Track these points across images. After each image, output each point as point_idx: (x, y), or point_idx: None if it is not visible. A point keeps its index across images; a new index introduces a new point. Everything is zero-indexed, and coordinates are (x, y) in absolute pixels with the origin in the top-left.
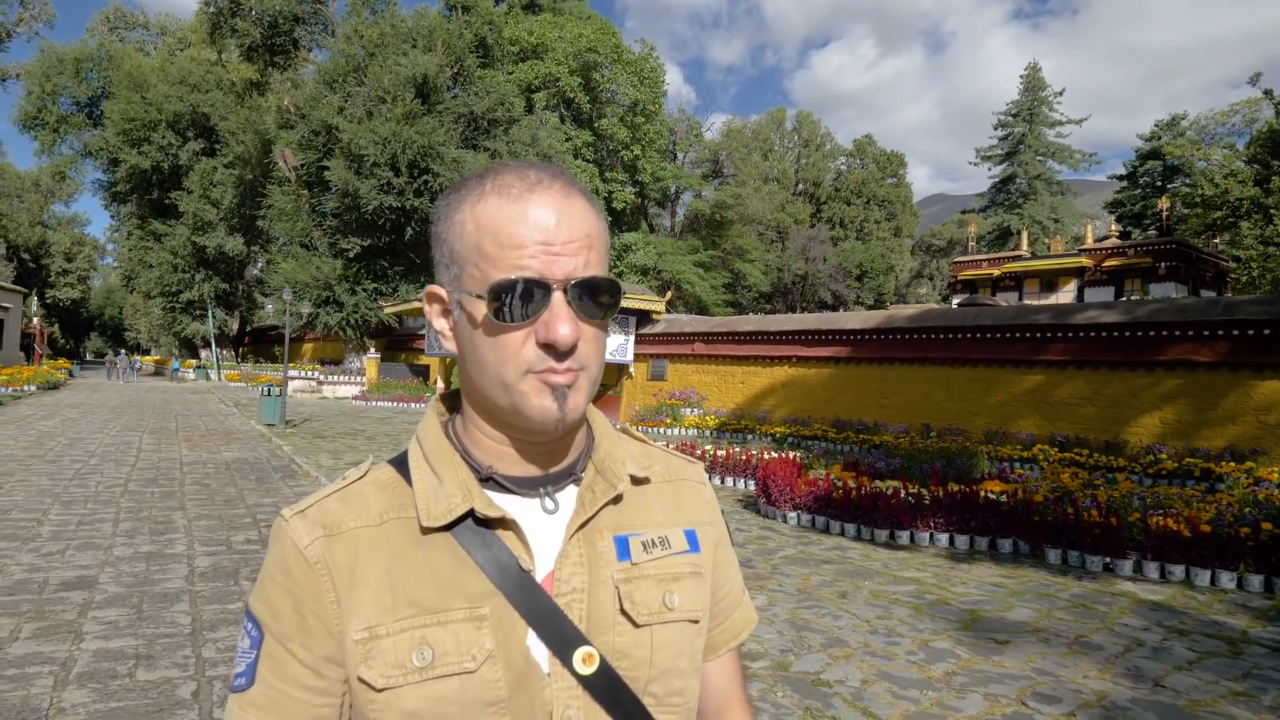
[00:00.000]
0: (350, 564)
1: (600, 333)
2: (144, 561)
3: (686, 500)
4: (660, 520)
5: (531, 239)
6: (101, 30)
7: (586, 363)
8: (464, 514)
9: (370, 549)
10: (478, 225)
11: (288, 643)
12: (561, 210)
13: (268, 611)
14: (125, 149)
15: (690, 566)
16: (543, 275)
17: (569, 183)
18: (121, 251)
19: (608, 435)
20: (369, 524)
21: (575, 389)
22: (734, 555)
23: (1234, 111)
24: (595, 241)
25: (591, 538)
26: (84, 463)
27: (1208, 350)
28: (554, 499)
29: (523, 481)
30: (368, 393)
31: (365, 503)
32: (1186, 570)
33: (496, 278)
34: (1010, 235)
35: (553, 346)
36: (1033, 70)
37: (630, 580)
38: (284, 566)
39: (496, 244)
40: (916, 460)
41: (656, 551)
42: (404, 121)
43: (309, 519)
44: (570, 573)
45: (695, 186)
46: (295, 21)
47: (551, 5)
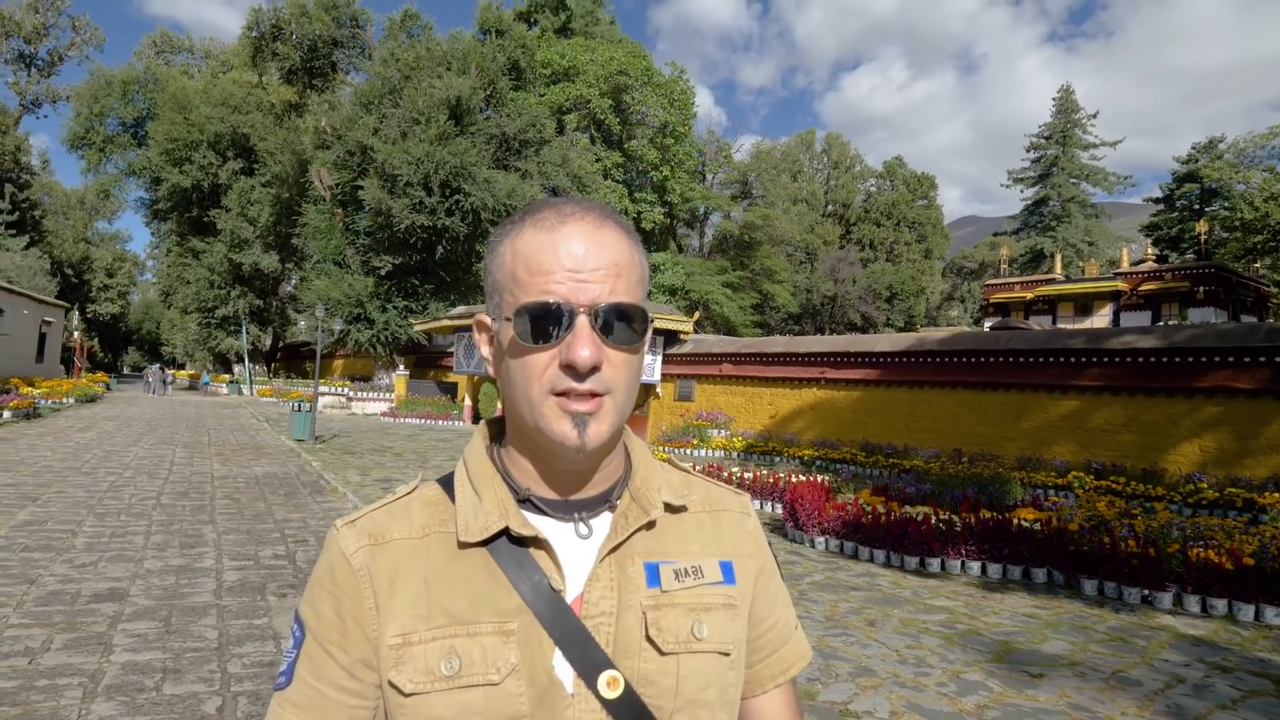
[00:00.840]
0: (391, 573)
1: (629, 358)
2: (174, 575)
3: (726, 531)
4: (696, 550)
5: (560, 266)
6: (149, 54)
7: (612, 387)
8: (499, 532)
9: (411, 560)
10: (514, 255)
11: (327, 644)
12: (591, 240)
13: (312, 614)
14: (167, 168)
15: (724, 598)
16: (568, 300)
17: (603, 215)
18: (160, 268)
19: (645, 463)
20: (412, 536)
21: (597, 416)
22: (783, 589)
23: (1273, 134)
24: (625, 270)
25: (623, 563)
26: (118, 475)
27: (1248, 377)
28: (588, 524)
29: (558, 505)
30: (396, 409)
31: (410, 516)
32: (1229, 604)
33: (525, 301)
34: (1043, 258)
35: (573, 367)
36: (1065, 93)
37: (659, 607)
38: (330, 572)
39: (528, 271)
40: (947, 486)
41: (689, 580)
42: (437, 142)
43: (357, 528)
44: (599, 596)
45: (724, 207)
46: (334, 45)
47: (584, 29)
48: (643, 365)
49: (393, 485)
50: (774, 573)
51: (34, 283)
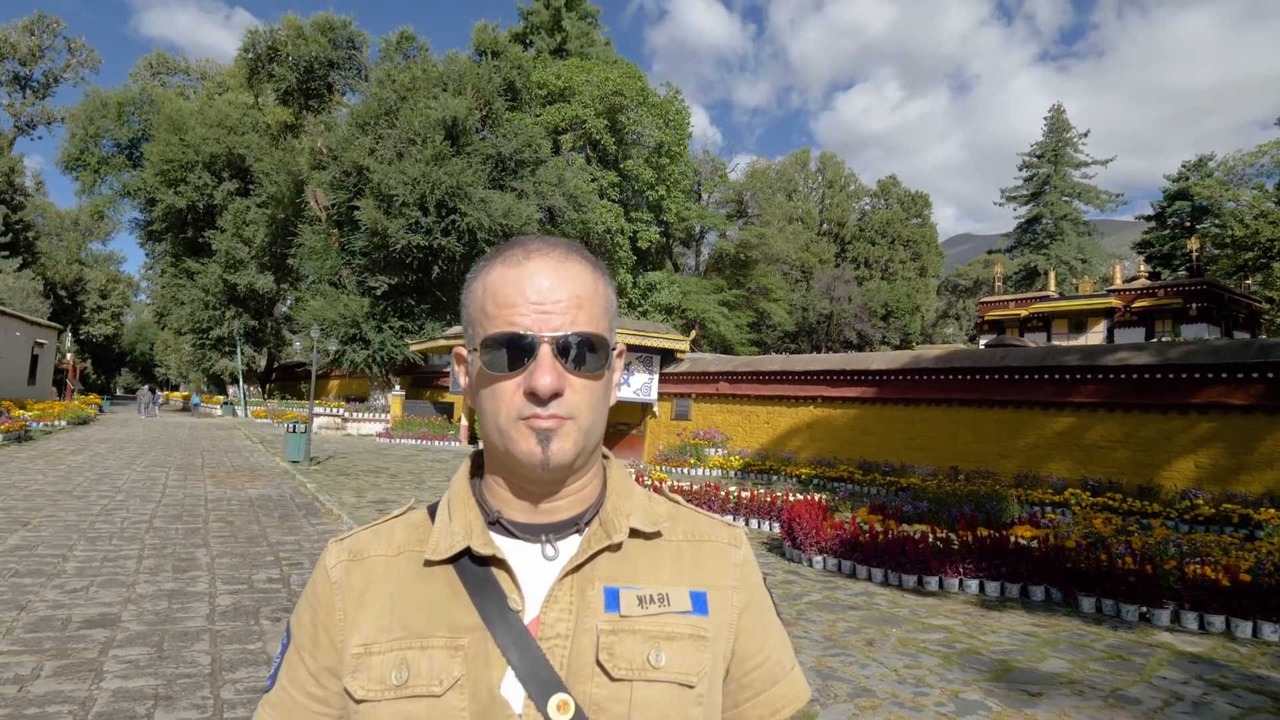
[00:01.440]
0: (363, 587)
1: (592, 385)
2: (166, 599)
3: (707, 562)
4: (666, 578)
5: (524, 299)
6: (144, 75)
7: (575, 412)
8: (462, 551)
9: (383, 575)
10: (484, 290)
11: (301, 651)
12: (555, 274)
13: (296, 623)
14: (162, 189)
15: (690, 628)
16: (529, 330)
17: (568, 251)
18: (154, 289)
19: (620, 490)
20: (387, 554)
21: (560, 434)
22: (777, 626)
23: (1262, 152)
24: (587, 301)
25: (583, 586)
26: (110, 498)
27: (1242, 393)
28: (555, 546)
29: (527, 528)
30: (392, 430)
31: (391, 536)
32: (1227, 621)
33: (491, 332)
34: (1037, 275)
35: (535, 394)
36: (1056, 112)
37: (616, 632)
38: (314, 584)
39: (495, 304)
40: (944, 503)
41: (652, 608)
42: (433, 163)
43: (343, 546)
44: (556, 618)
45: (720, 226)
46: (330, 67)
47: (579, 51)
48: (610, 392)
49: (388, 507)
50: (765, 608)
51: (27, 304)
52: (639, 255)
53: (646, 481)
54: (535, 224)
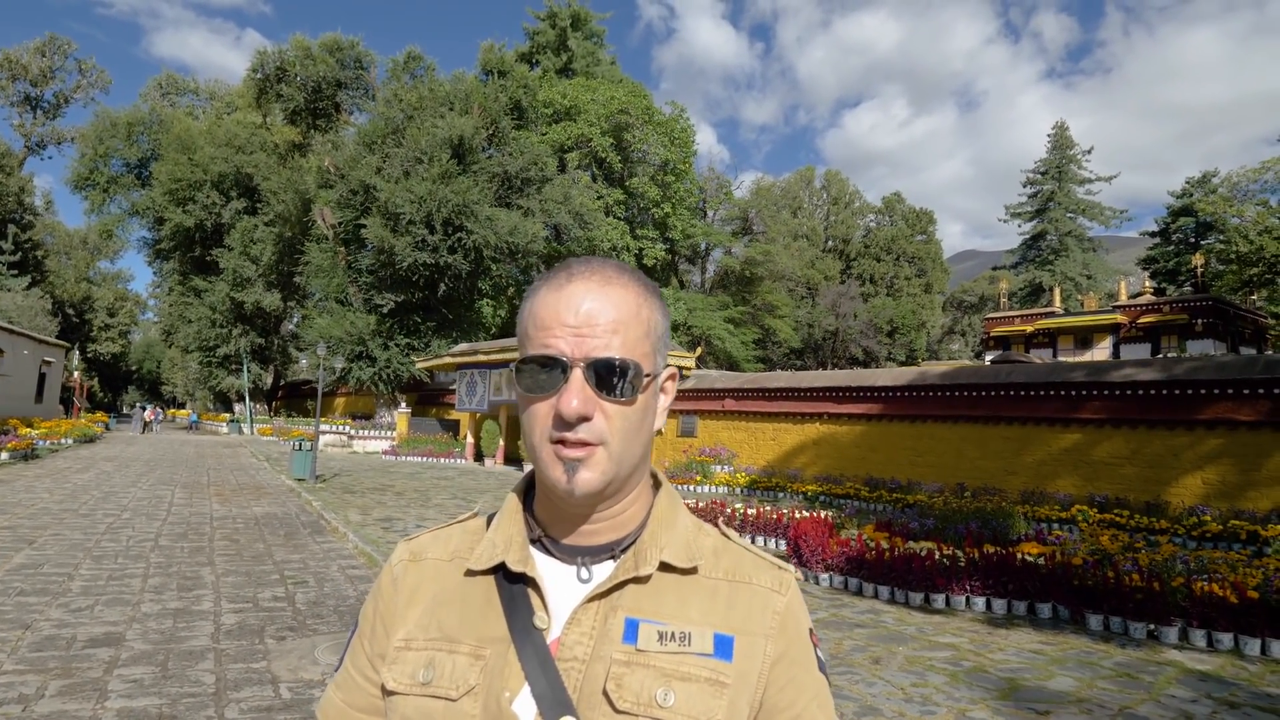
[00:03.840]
0: (415, 585)
1: (625, 411)
2: (171, 618)
3: (741, 605)
4: (693, 617)
5: (560, 321)
6: (154, 95)
7: (605, 438)
8: (497, 565)
9: (433, 577)
10: (530, 312)
11: (363, 638)
12: (594, 297)
13: (363, 613)
14: (171, 208)
15: (708, 671)
16: (562, 353)
17: (613, 273)
18: (162, 307)
19: (662, 520)
20: (441, 558)
21: (588, 464)
22: (815, 682)
23: (1266, 168)
24: (626, 326)
25: (607, 614)
26: (116, 517)
27: (1249, 409)
28: (589, 570)
29: (565, 548)
30: (398, 447)
31: (448, 541)
32: (1235, 638)
33: (528, 353)
34: (1042, 291)
35: (562, 418)
36: (1060, 129)
37: (629, 665)
38: (380, 579)
39: (535, 326)
40: (951, 520)
41: (671, 645)
42: (440, 181)
43: (408, 546)
44: (575, 640)
45: (725, 243)
46: (338, 86)
47: (585, 70)
48: (649, 418)
49: (393, 525)
50: (803, 663)
51: (35, 323)
52: (645, 272)
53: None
54: (541, 242)
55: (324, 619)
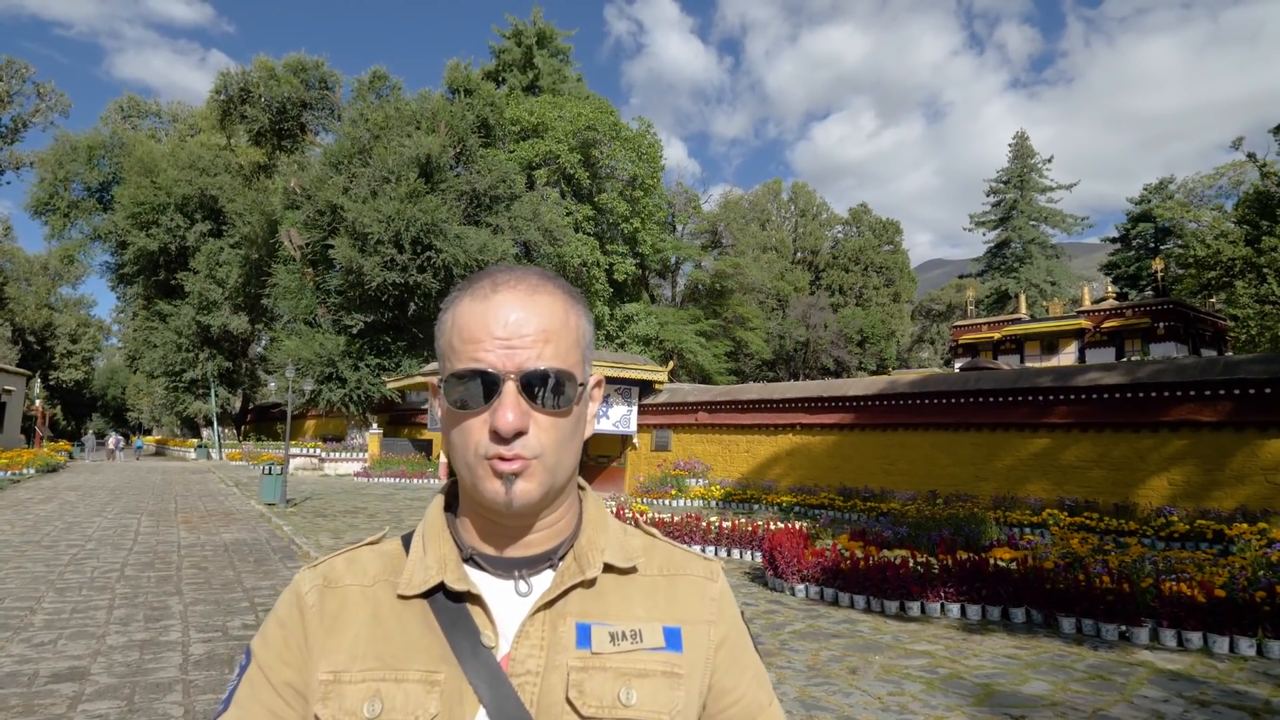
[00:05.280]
0: (336, 613)
1: (559, 422)
2: (137, 650)
3: (682, 597)
4: (639, 614)
5: (489, 334)
6: (115, 118)
7: (540, 451)
8: (436, 586)
9: (357, 604)
10: (453, 324)
11: (267, 670)
12: (522, 307)
13: (260, 643)
14: (134, 232)
15: (663, 665)
16: (494, 367)
17: (539, 281)
18: (126, 332)
19: (595, 524)
20: (362, 583)
21: (525, 475)
22: (755, 662)
23: (1220, 175)
24: (555, 335)
25: (555, 622)
26: (80, 547)
27: (1211, 410)
28: (528, 582)
29: (500, 562)
30: (370, 469)
31: (365, 565)
32: (1204, 637)
33: (456, 368)
34: (1008, 298)
35: (498, 433)
36: (1021, 139)
37: (586, 670)
38: (285, 606)
39: (461, 339)
40: (924, 528)
41: (624, 644)
42: (408, 200)
43: (316, 571)
44: (526, 654)
45: (695, 257)
46: (303, 107)
47: (551, 87)
48: (581, 427)
49: None
50: (741, 645)
51: None
52: (615, 287)
53: (628, 514)
54: (511, 259)
55: None
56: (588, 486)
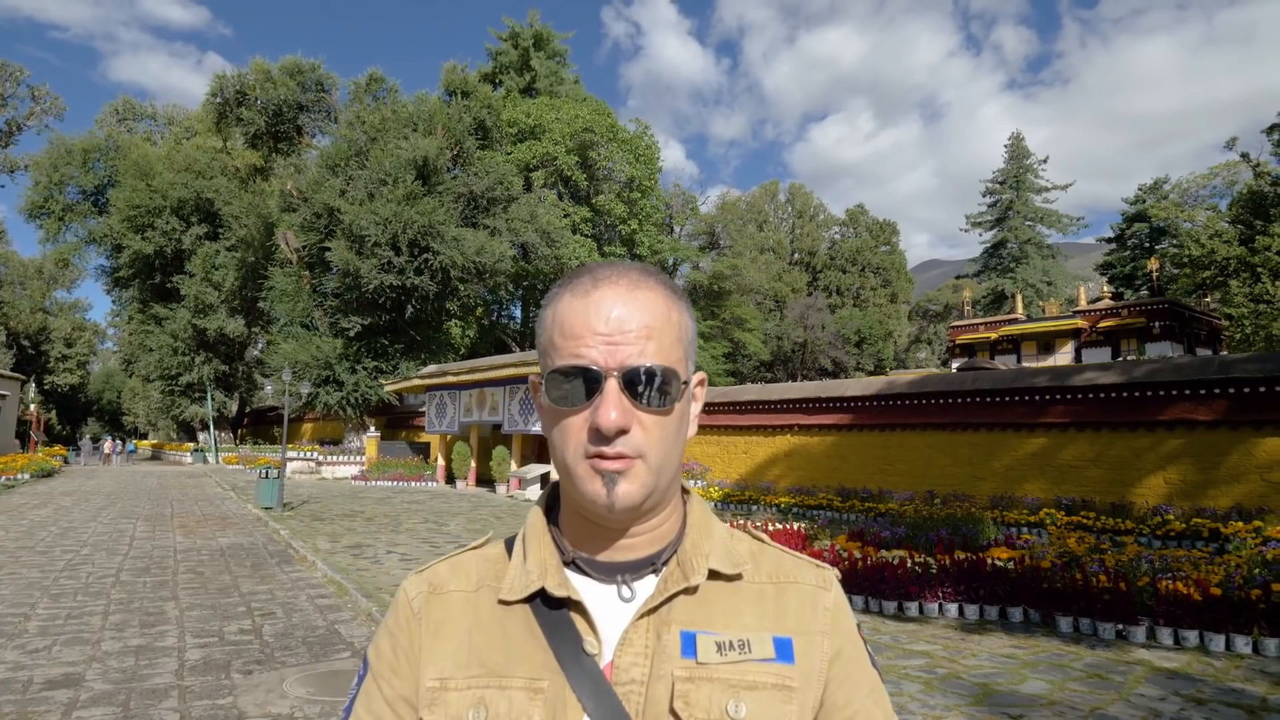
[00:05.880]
0: (441, 619)
1: (662, 421)
2: (133, 656)
3: (792, 605)
4: (749, 623)
5: (590, 330)
6: (110, 121)
7: (643, 450)
8: (536, 591)
9: (460, 610)
10: (553, 320)
11: (380, 680)
12: (624, 302)
13: (374, 652)
14: (129, 235)
15: (774, 677)
16: (596, 364)
17: (640, 277)
18: (122, 336)
19: (699, 528)
20: (465, 589)
21: (627, 476)
22: (871, 678)
23: (1214, 174)
24: (658, 332)
25: (659, 629)
26: (75, 553)
27: (1206, 409)
28: (631, 587)
29: (602, 567)
30: (367, 472)
31: (468, 570)
32: (1200, 635)
33: (557, 365)
34: (1005, 299)
35: (600, 431)
36: (1016, 140)
37: (693, 680)
38: (394, 614)
39: (562, 336)
40: (922, 528)
41: (732, 655)
42: (405, 202)
43: (422, 577)
44: (630, 662)
45: (692, 258)
46: (299, 109)
47: (548, 89)
48: (685, 426)
49: (363, 552)
50: (857, 658)
51: None
52: None
53: None
54: (509, 261)
55: (292, 651)
56: (691, 489)
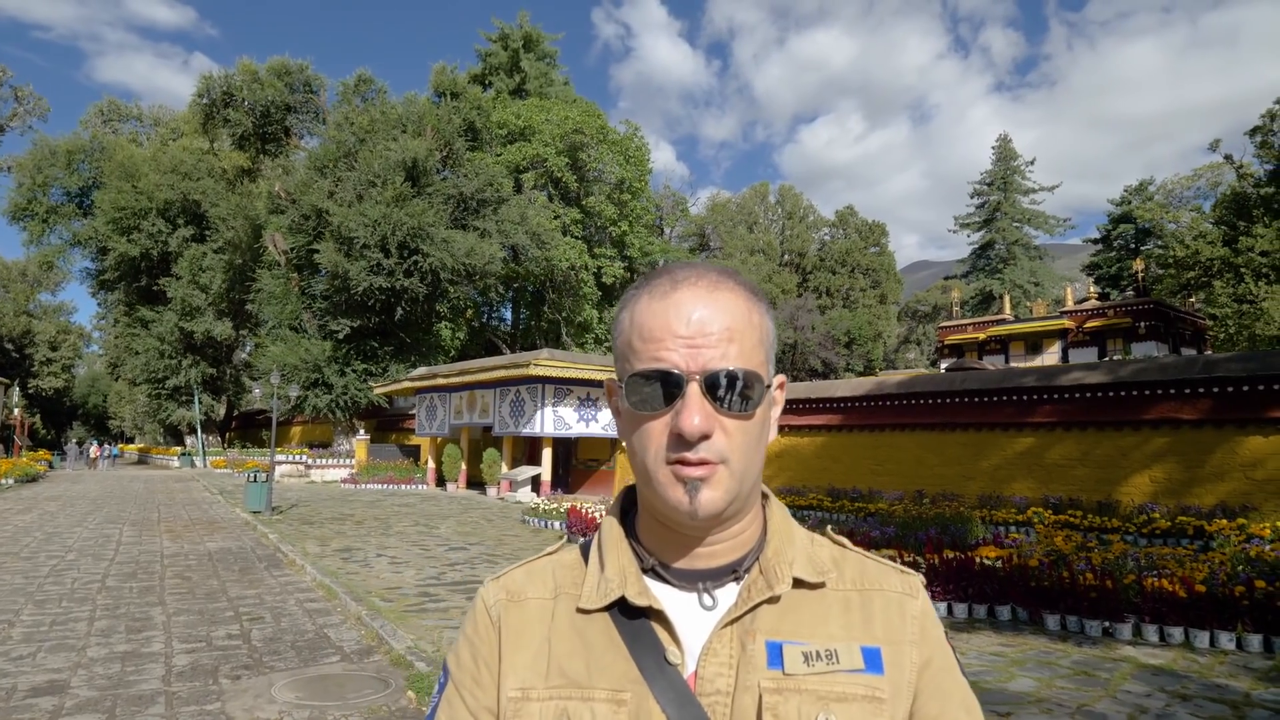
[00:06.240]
0: (519, 627)
1: (745, 425)
2: (119, 662)
3: (879, 614)
4: (835, 632)
5: (671, 332)
6: (95, 122)
7: (726, 456)
8: (616, 600)
9: (539, 618)
10: (631, 323)
11: (461, 689)
12: (705, 304)
13: (454, 661)
14: (115, 237)
15: (864, 688)
16: (677, 367)
17: (720, 278)
18: (107, 339)
19: (781, 534)
20: (543, 596)
21: (710, 482)
22: (961, 687)
23: (1198, 176)
24: (740, 334)
25: (743, 639)
26: (60, 559)
27: (1191, 408)
28: (713, 595)
29: (682, 574)
30: (357, 475)
31: (545, 578)
32: (1185, 632)
33: (637, 368)
34: (993, 299)
35: (682, 436)
36: (1004, 141)
37: (781, 691)
38: (473, 622)
39: (641, 338)
40: (911, 528)
41: (819, 665)
42: (394, 204)
43: (500, 584)
44: (715, 672)
45: (683, 259)
46: (287, 110)
47: (538, 90)
48: (766, 431)
49: (353, 555)
50: (947, 668)
51: None
52: (604, 290)
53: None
54: (499, 263)
55: (281, 655)
56: (771, 495)
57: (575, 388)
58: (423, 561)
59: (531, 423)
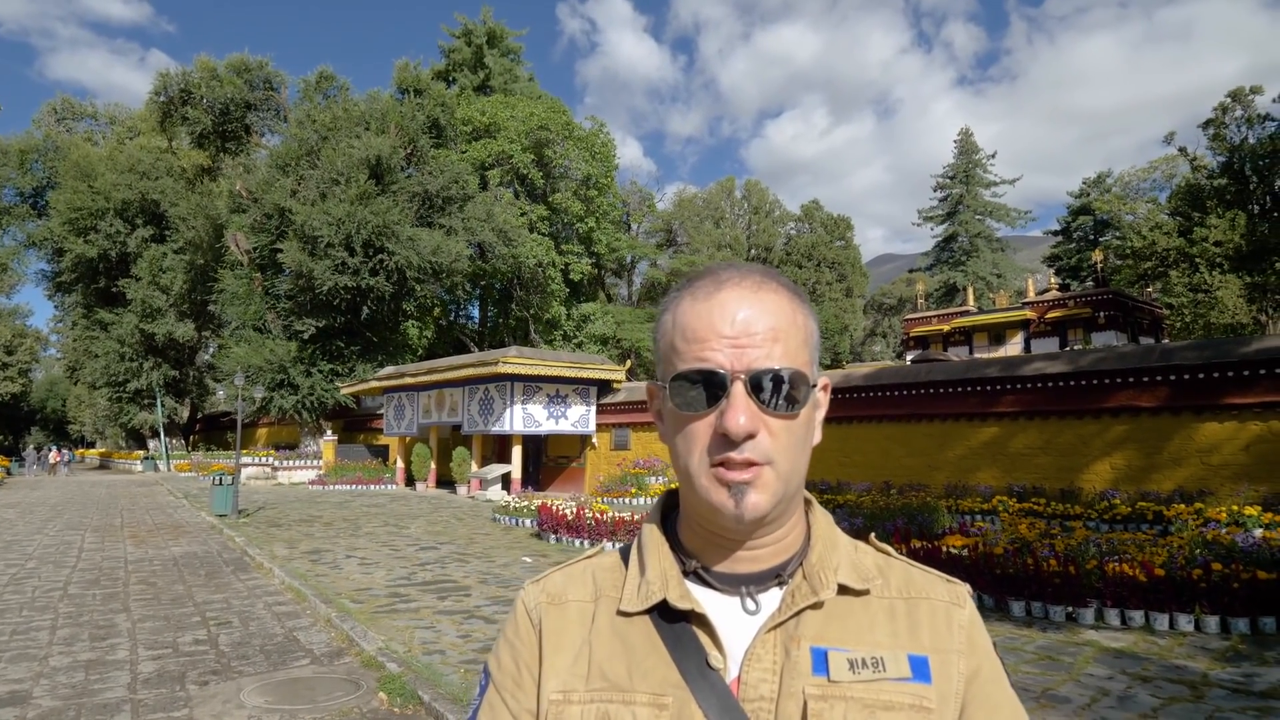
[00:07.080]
0: (559, 630)
1: (791, 425)
2: (83, 670)
3: (925, 622)
4: (881, 640)
5: (715, 332)
6: (48, 121)
7: (771, 457)
8: (658, 603)
9: (579, 621)
10: (674, 324)
11: (503, 692)
12: (749, 304)
13: (495, 664)
14: (71, 238)
15: (911, 698)
16: (722, 367)
17: (764, 278)
18: (65, 342)
19: (826, 539)
20: (583, 599)
21: (756, 486)
22: (1009, 698)
23: (1154, 168)
24: (784, 334)
25: (787, 645)
26: (20, 567)
27: (1149, 396)
28: (755, 599)
29: (725, 578)
30: (325, 476)
31: (586, 580)
32: (1146, 615)
33: (681, 369)
34: (957, 291)
35: (728, 436)
36: (965, 135)
37: (826, 699)
38: (513, 625)
39: (684, 339)
40: (879, 518)
41: (865, 673)
42: (358, 202)
43: (539, 587)
44: (759, 678)
45: (650, 255)
46: (247, 108)
47: (502, 87)
48: (811, 432)
49: (322, 557)
50: (997, 679)
51: None
52: (571, 287)
53: (588, 514)
54: (465, 261)
55: (250, 660)
56: (813, 499)
57: (544, 385)
58: (393, 562)
59: (501, 421)
